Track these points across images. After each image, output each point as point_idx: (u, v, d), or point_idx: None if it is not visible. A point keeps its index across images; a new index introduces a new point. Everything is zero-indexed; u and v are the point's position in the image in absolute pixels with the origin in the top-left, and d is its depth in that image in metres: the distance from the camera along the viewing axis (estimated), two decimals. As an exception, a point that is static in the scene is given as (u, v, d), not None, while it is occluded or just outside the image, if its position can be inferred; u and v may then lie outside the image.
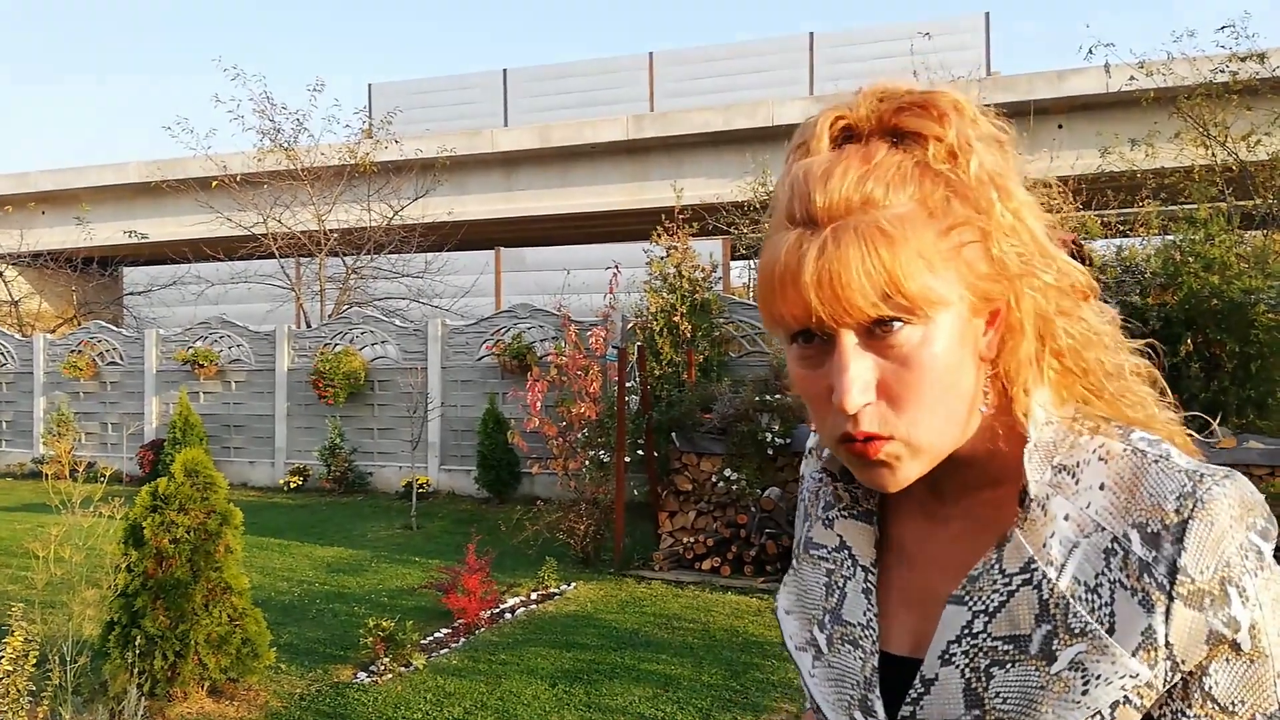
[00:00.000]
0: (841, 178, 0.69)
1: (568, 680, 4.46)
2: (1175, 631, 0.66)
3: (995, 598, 0.72)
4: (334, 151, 14.20)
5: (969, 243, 0.70)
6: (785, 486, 6.79)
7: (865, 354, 0.69)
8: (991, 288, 0.71)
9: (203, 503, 4.13)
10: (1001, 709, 0.69)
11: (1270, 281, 5.97)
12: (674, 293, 8.75)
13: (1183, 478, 0.69)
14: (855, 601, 0.81)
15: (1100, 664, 0.67)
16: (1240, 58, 8.64)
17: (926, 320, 0.68)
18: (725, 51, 16.42)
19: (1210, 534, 0.66)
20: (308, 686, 4.45)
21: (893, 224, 0.67)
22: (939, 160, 0.71)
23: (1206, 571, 0.66)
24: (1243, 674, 0.67)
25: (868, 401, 0.69)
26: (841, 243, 0.67)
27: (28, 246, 16.65)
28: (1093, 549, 0.69)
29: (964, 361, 0.71)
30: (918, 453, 0.71)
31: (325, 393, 10.79)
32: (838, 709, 0.79)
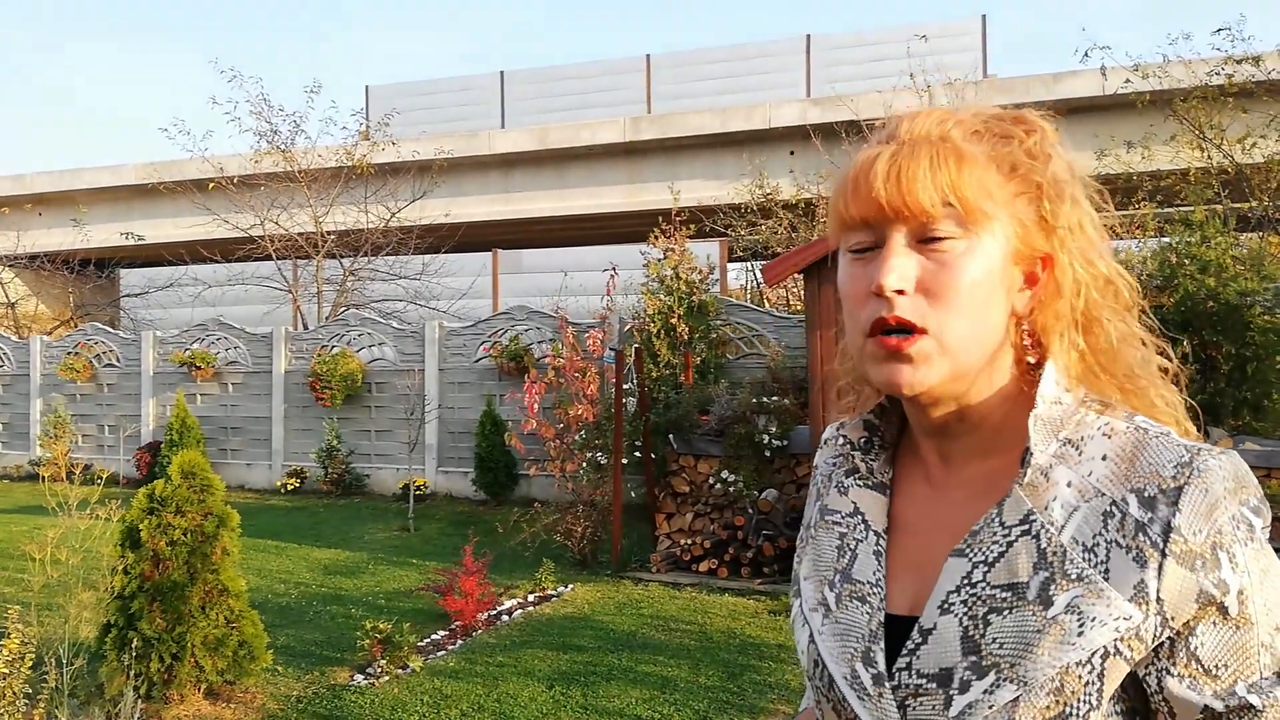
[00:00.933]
0: (927, 117, 0.80)
1: (565, 682, 4.46)
2: (1166, 587, 0.70)
3: (995, 549, 0.76)
4: (331, 153, 14.20)
5: (1022, 194, 0.79)
6: (782, 488, 6.80)
7: (911, 254, 0.77)
8: (1036, 238, 0.79)
9: (199, 505, 4.13)
10: (998, 654, 0.73)
11: (1266, 284, 5.99)
12: (671, 295, 8.76)
13: (1181, 450, 0.73)
14: (866, 562, 0.85)
15: (1096, 606, 0.71)
16: (1236, 60, 8.65)
17: (972, 237, 0.76)
18: (722, 54, 16.44)
19: (1205, 500, 0.70)
20: (304, 689, 4.45)
21: (964, 152, 0.77)
22: (1020, 155, 0.80)
23: (1199, 534, 0.70)
24: (1229, 639, 0.70)
25: (903, 288, 0.76)
26: (916, 151, 0.77)
27: (24, 248, 16.63)
28: (1092, 512, 0.73)
29: (995, 293, 0.78)
30: (944, 352, 0.77)
31: (322, 395, 10.79)
32: (840, 661, 0.82)
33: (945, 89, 10.75)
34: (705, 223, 11.70)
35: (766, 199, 11.81)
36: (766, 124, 13.99)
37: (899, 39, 13.03)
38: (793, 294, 11.58)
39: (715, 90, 15.84)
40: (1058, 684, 0.71)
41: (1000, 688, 0.72)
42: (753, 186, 12.12)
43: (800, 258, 6.24)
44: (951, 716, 0.74)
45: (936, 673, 0.75)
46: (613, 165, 15.33)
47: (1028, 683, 0.71)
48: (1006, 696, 0.72)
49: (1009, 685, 0.72)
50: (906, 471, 0.88)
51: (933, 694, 0.75)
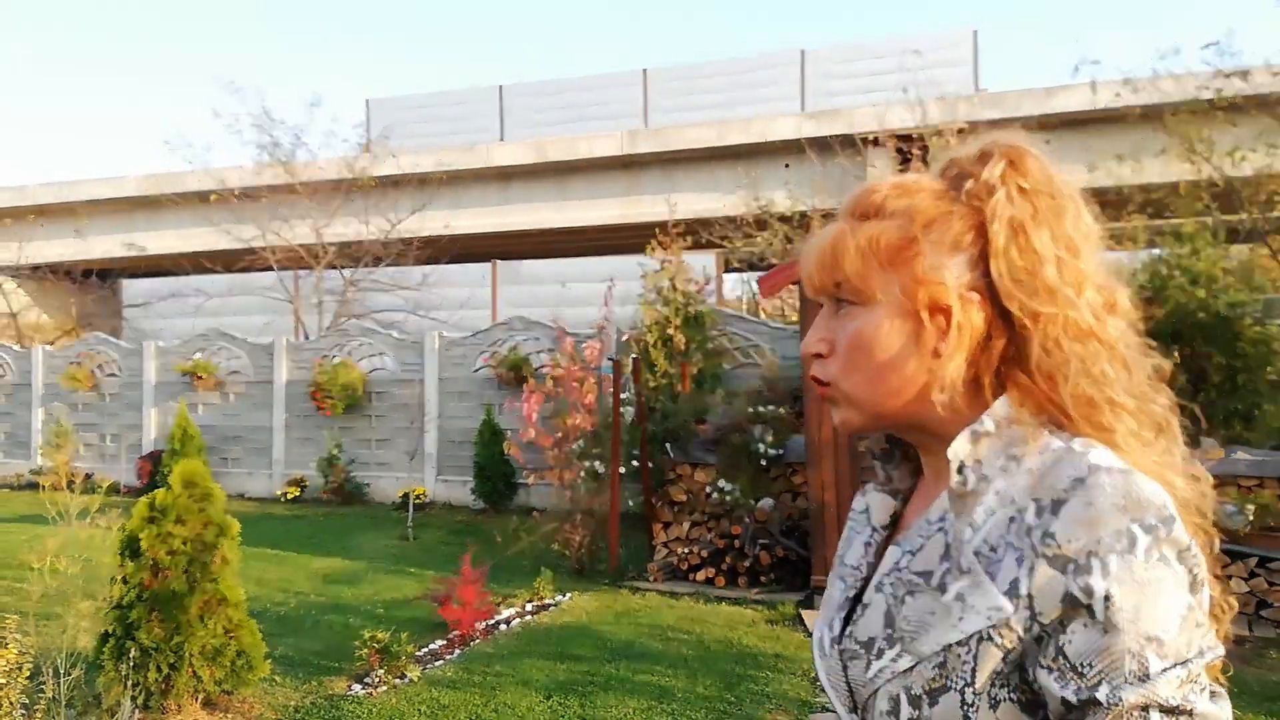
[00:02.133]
0: (871, 192, 0.92)
1: (562, 692, 4.49)
2: (1036, 585, 0.77)
3: (919, 540, 0.89)
4: (332, 166, 14.28)
5: (941, 258, 0.86)
6: (779, 498, 6.84)
7: (830, 320, 0.92)
8: (937, 292, 0.86)
9: (200, 514, 4.16)
10: (905, 629, 0.85)
11: (1256, 295, 6.05)
12: (668, 305, 8.82)
13: (1084, 467, 0.79)
14: (856, 550, 1.00)
15: (975, 596, 0.80)
16: (1225, 75, 8.73)
17: (869, 305, 0.89)
18: (718, 68, 16.53)
19: (1086, 512, 0.76)
20: (302, 698, 4.48)
21: (859, 225, 0.90)
22: (971, 195, 0.88)
23: (1075, 541, 0.76)
24: (1094, 641, 0.75)
25: (817, 351, 0.92)
26: (826, 231, 0.92)
27: (26, 259, 16.70)
28: (1003, 518, 0.82)
29: (897, 345, 0.88)
30: (849, 399, 0.91)
31: (323, 404, 10.83)
32: (817, 628, 1.00)
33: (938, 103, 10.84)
34: (701, 234, 11.76)
35: (762, 211, 11.88)
36: (762, 137, 14.06)
37: (892, 53, 13.12)
38: (788, 305, 11.65)
39: (711, 104, 15.92)
40: (941, 659, 0.81)
41: (901, 658, 0.84)
42: (748, 199, 12.19)
43: (795, 269, 6.27)
44: (868, 677, 0.87)
45: (865, 640, 0.89)
46: (610, 178, 15.41)
47: (920, 655, 0.83)
48: (904, 665, 0.84)
49: (907, 656, 0.84)
50: (922, 481, 0.99)
51: (861, 657, 0.89)
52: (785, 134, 13.81)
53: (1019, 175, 0.87)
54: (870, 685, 0.87)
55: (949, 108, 10.56)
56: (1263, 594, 5.44)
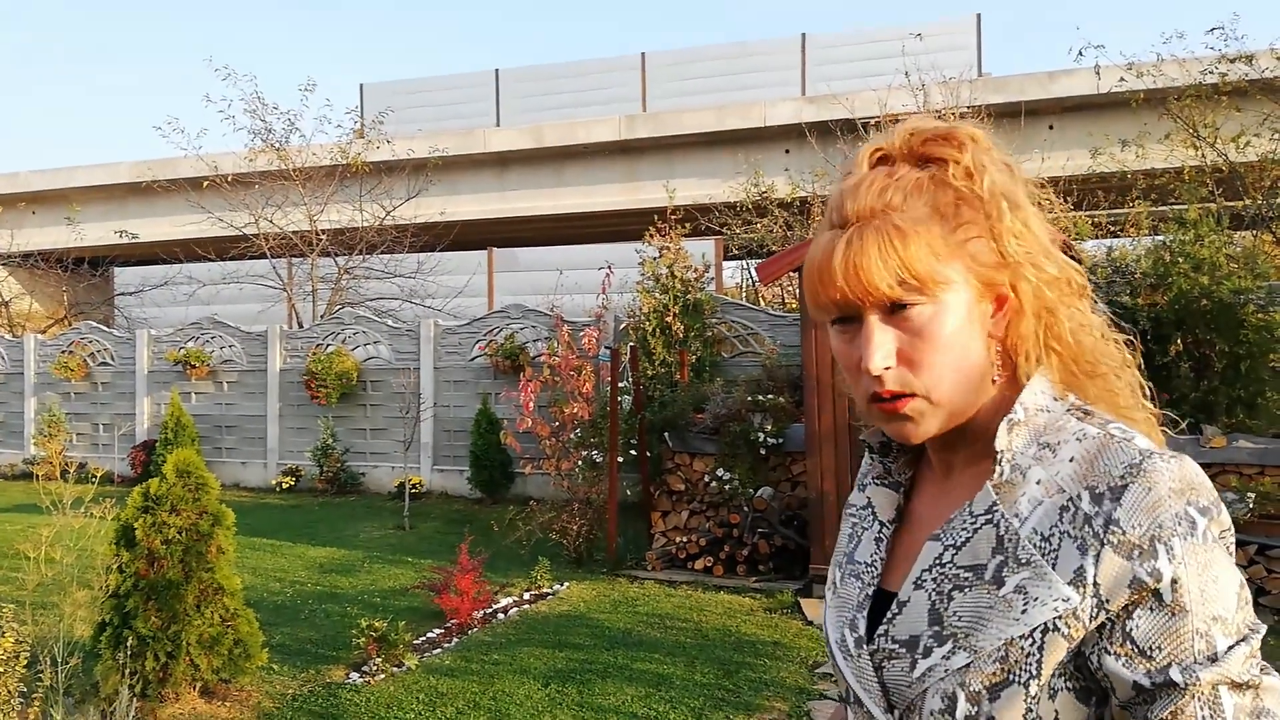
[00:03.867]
0: (868, 189, 0.87)
1: (560, 680, 4.47)
2: (1103, 573, 0.77)
3: (963, 534, 0.86)
4: (325, 151, 14.17)
5: (974, 238, 0.86)
6: (778, 486, 6.81)
7: (887, 329, 0.85)
8: (995, 275, 0.86)
9: (195, 503, 4.12)
10: (956, 625, 0.83)
11: (1259, 282, 6.01)
12: (666, 293, 8.77)
13: (1135, 453, 0.80)
14: (866, 546, 0.98)
15: (1039, 588, 0.79)
16: (1229, 59, 8.68)
17: (935, 300, 0.84)
18: (717, 52, 16.43)
19: (1147, 498, 0.77)
20: (300, 687, 4.45)
21: (905, 222, 0.84)
22: (957, 178, 0.87)
23: (1139, 528, 0.77)
24: (1163, 623, 0.76)
25: (888, 365, 0.85)
26: (864, 239, 0.84)
27: (18, 247, 16.58)
28: (1053, 506, 0.81)
29: (971, 335, 0.86)
30: (937, 407, 0.86)
31: (317, 393, 10.77)
32: (835, 628, 0.96)
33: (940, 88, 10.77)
34: (701, 221, 11.71)
35: (762, 197, 11.82)
36: (762, 123, 13.99)
37: (894, 38, 13.05)
38: (788, 292, 11.60)
39: (711, 89, 15.84)
40: (1003, 654, 0.80)
41: (955, 655, 0.82)
42: (748, 185, 12.13)
43: (795, 256, 6.24)
44: (915, 677, 0.84)
45: (906, 639, 0.86)
46: (608, 164, 15.33)
47: (978, 651, 0.81)
48: (960, 662, 0.81)
49: (962, 653, 0.81)
50: (923, 474, 0.99)
51: (902, 657, 0.86)
52: (785, 119, 13.75)
53: (986, 153, 0.88)
54: (919, 685, 0.84)
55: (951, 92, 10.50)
56: (1262, 581, 5.44)
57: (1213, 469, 5.73)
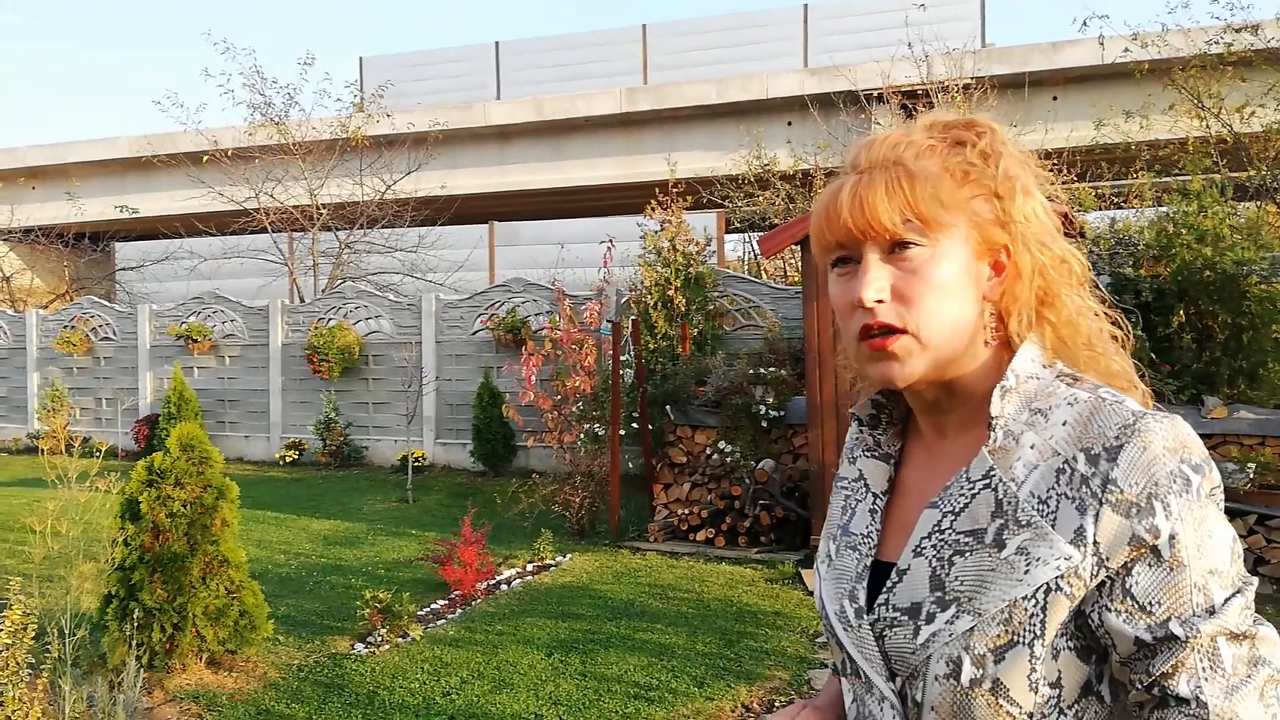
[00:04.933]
0: (882, 142, 0.91)
1: (564, 650, 4.51)
2: (1102, 531, 0.79)
3: (961, 500, 0.87)
4: (325, 125, 14.08)
5: (977, 196, 0.89)
6: (779, 459, 6.84)
7: (884, 266, 0.88)
8: (995, 234, 0.89)
9: (198, 477, 4.15)
10: (959, 589, 0.84)
11: (1262, 253, 5.98)
12: (668, 266, 8.75)
13: (1128, 414, 0.82)
14: (861, 518, 0.99)
15: (1040, 548, 0.81)
16: (1234, 29, 8.58)
17: (935, 244, 0.87)
18: (719, 23, 16.26)
19: (1142, 456, 0.79)
20: (306, 658, 4.50)
21: (916, 172, 0.87)
22: (974, 159, 0.90)
23: (1135, 486, 0.79)
24: (1162, 579, 0.78)
25: (881, 299, 0.87)
26: (874, 178, 0.88)
27: (18, 222, 16.55)
28: (1048, 469, 0.83)
29: (965, 287, 0.88)
30: (925, 347, 0.87)
31: (320, 367, 10.79)
32: (833, 600, 0.97)
33: (944, 59, 10.67)
34: (702, 194, 11.66)
35: (764, 170, 11.76)
36: (764, 94, 13.88)
37: (897, 8, 12.90)
38: (790, 265, 11.57)
39: (712, 61, 15.70)
40: (1006, 615, 0.81)
41: (959, 619, 0.83)
42: (750, 158, 12.06)
43: (797, 229, 6.22)
44: (919, 643, 0.85)
45: (908, 607, 0.87)
46: (609, 136, 15.23)
47: (981, 614, 0.82)
48: (964, 626, 0.83)
49: (966, 616, 0.83)
50: (912, 444, 1.00)
51: (904, 625, 0.87)
52: (787, 90, 13.64)
53: (1003, 144, 0.92)
54: (923, 651, 0.85)
55: (955, 63, 10.41)
56: (1261, 550, 5.47)
57: (1214, 439, 5.75)
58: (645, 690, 4.00)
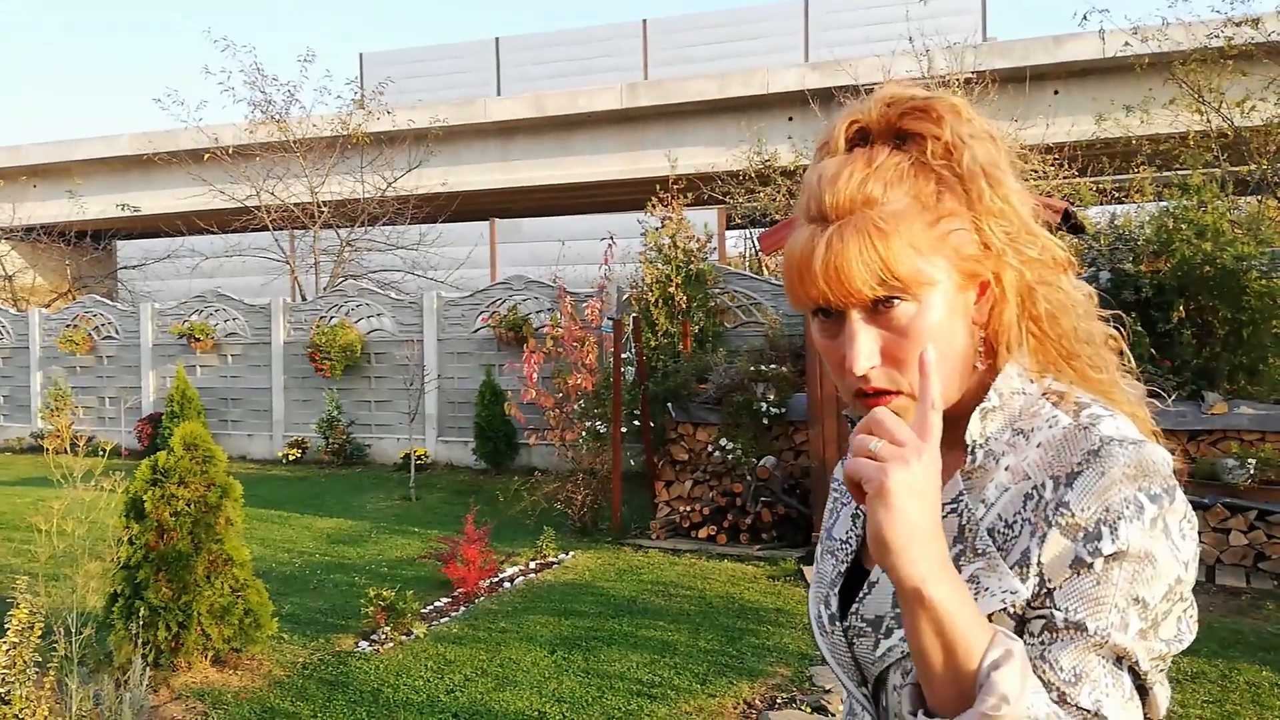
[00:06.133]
0: (847, 180, 0.83)
1: (566, 647, 4.53)
2: (1046, 553, 0.79)
3: None
4: (326, 123, 14.09)
5: (955, 230, 0.84)
6: (780, 455, 6.85)
7: (870, 327, 0.83)
8: (976, 266, 0.85)
9: (202, 476, 4.17)
10: None
11: (1262, 248, 5.99)
12: (669, 263, 8.75)
13: (1096, 440, 0.81)
14: (843, 523, 0.99)
15: (990, 579, 0.81)
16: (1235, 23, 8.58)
17: (918, 298, 0.82)
18: (720, 18, 16.25)
19: (1099, 482, 0.78)
20: (310, 655, 4.52)
21: (886, 220, 0.81)
22: (936, 157, 0.84)
23: (1087, 511, 0.78)
24: (1085, 589, 0.77)
25: (873, 365, 0.83)
26: (845, 238, 0.81)
27: (20, 220, 16.57)
28: (1018, 493, 0.83)
29: (955, 327, 0.85)
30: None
31: (322, 365, 10.82)
32: (813, 604, 0.99)
33: (945, 53, 10.66)
34: (703, 190, 11.66)
35: (765, 166, 11.75)
36: (765, 89, 13.87)
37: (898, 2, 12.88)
38: (791, 261, 11.55)
39: (713, 56, 15.69)
40: None
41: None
42: (751, 153, 12.06)
43: (798, 225, 6.22)
44: (877, 655, 0.87)
45: (873, 619, 0.88)
46: (610, 132, 15.23)
47: None
48: None
49: None
50: None
51: (868, 635, 0.89)
52: (788, 85, 13.63)
53: (966, 126, 0.85)
54: (881, 662, 0.87)
55: (956, 57, 10.39)
56: (1261, 546, 5.47)
57: (1214, 435, 5.75)
58: (648, 687, 4.03)
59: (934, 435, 0.76)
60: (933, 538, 0.73)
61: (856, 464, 0.75)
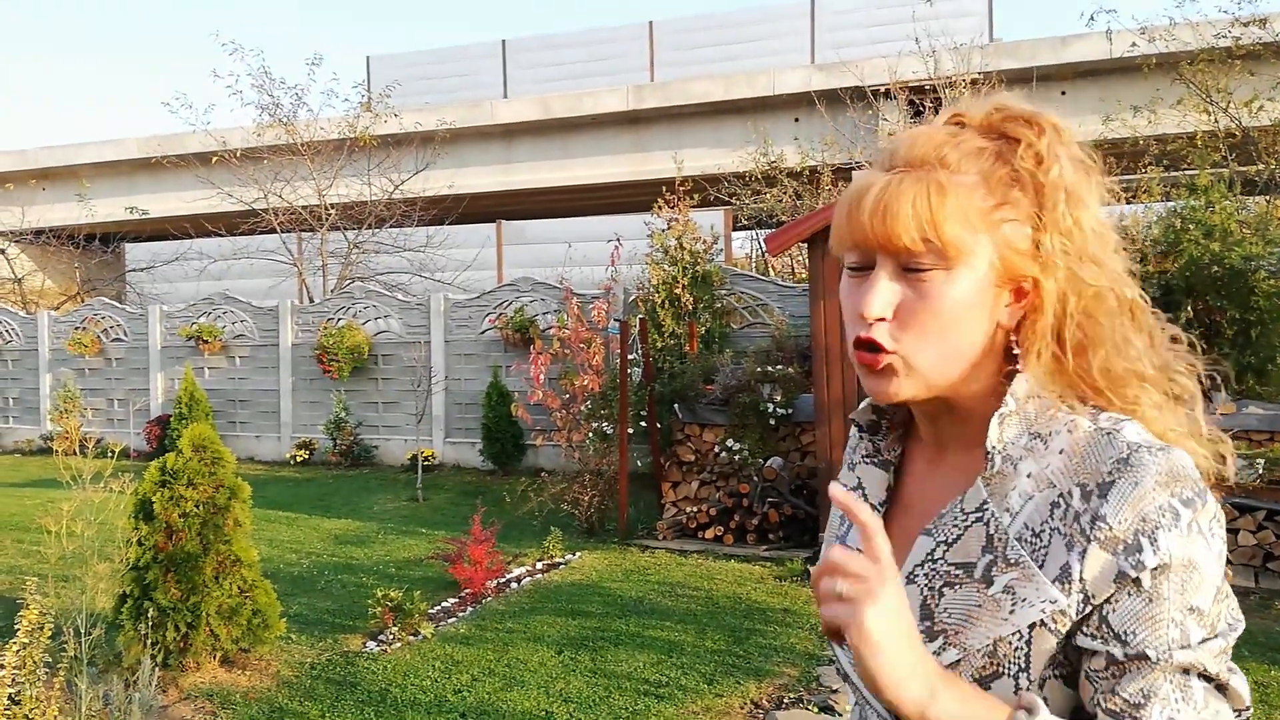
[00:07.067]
0: (927, 140, 0.84)
1: (574, 647, 4.54)
2: (1089, 569, 0.78)
3: (954, 530, 0.86)
4: (333, 125, 14.13)
5: (1011, 220, 0.83)
6: (787, 456, 6.85)
7: (894, 282, 0.83)
8: (1021, 264, 0.84)
9: (211, 477, 4.19)
10: (946, 621, 0.84)
11: (1270, 248, 5.97)
12: (675, 265, 8.76)
13: (1123, 446, 0.80)
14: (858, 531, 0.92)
15: (1026, 589, 0.80)
16: (1242, 23, 8.55)
17: (950, 270, 0.82)
18: (725, 19, 16.24)
19: (1133, 492, 0.78)
20: (318, 656, 4.54)
21: (948, 183, 0.81)
22: (1024, 160, 0.84)
23: (1124, 522, 0.77)
24: (1139, 610, 0.77)
25: (882, 316, 0.83)
26: (902, 184, 0.82)
27: (29, 224, 16.64)
28: (1043, 501, 0.82)
29: (976, 317, 0.84)
30: (911, 372, 0.84)
31: (329, 367, 10.85)
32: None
33: (951, 54, 10.65)
34: (709, 191, 11.66)
35: (771, 167, 11.75)
36: (770, 91, 13.86)
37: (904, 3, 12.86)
38: (797, 263, 11.57)
39: (719, 58, 15.67)
40: (991, 649, 0.81)
41: (945, 651, 0.83)
42: (757, 155, 12.06)
43: (804, 227, 6.23)
44: None
45: None
46: (616, 134, 15.24)
47: (967, 649, 0.82)
48: (950, 659, 0.83)
49: (952, 650, 0.83)
50: (913, 451, 0.97)
51: None
52: (794, 87, 13.62)
53: (1064, 145, 0.85)
54: None
55: (962, 58, 10.38)
56: (1270, 546, 5.45)
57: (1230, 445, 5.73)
58: (655, 687, 4.03)
59: (885, 554, 0.75)
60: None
61: (833, 614, 0.75)
